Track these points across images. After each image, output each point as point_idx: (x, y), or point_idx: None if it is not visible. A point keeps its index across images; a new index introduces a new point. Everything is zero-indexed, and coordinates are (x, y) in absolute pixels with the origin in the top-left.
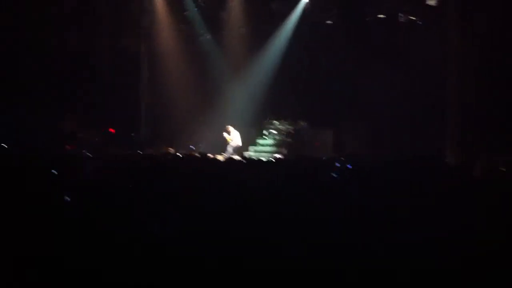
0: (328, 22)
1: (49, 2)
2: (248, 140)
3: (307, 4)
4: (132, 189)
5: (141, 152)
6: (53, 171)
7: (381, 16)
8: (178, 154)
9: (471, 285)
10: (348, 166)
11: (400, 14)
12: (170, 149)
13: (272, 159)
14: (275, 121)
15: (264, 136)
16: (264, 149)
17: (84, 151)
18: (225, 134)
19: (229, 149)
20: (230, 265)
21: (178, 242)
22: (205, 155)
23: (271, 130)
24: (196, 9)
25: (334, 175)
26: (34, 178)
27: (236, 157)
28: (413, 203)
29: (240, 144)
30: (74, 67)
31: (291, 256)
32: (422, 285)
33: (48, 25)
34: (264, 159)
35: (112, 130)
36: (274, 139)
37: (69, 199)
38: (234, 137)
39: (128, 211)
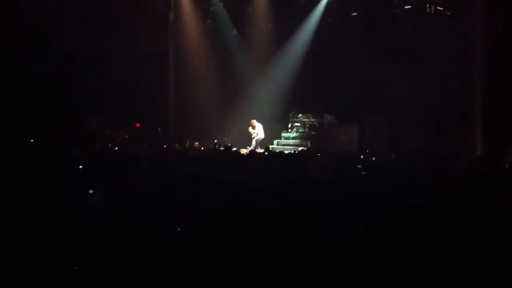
0: (354, 14)
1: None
2: (273, 134)
3: None
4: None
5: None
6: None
7: (408, 7)
8: (202, 148)
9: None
10: (372, 159)
11: (427, 5)
12: (196, 143)
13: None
14: (299, 115)
15: (288, 130)
16: (288, 142)
17: (110, 145)
18: (250, 129)
19: (253, 142)
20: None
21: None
22: (230, 148)
23: (295, 124)
24: (222, 4)
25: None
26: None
27: (259, 150)
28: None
29: (263, 136)
30: (100, 65)
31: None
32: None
33: (74, 24)
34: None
35: (137, 125)
36: (298, 132)
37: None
38: (258, 131)
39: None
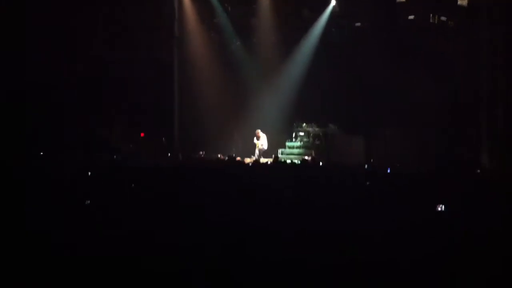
0: (357, 24)
1: (82, 14)
2: (278, 143)
3: (334, 7)
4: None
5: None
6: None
7: (411, 17)
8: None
9: None
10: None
11: (431, 15)
12: (200, 153)
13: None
14: (303, 124)
15: (293, 139)
16: (293, 151)
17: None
18: (254, 139)
19: (257, 152)
20: None
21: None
22: (234, 158)
23: (299, 133)
24: (225, 16)
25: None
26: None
27: (263, 160)
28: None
29: (266, 147)
30: (106, 76)
31: None
32: None
33: (82, 36)
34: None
35: (141, 134)
36: (303, 141)
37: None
38: (262, 142)
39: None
